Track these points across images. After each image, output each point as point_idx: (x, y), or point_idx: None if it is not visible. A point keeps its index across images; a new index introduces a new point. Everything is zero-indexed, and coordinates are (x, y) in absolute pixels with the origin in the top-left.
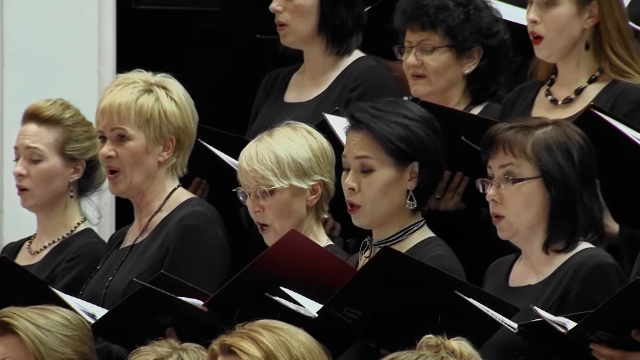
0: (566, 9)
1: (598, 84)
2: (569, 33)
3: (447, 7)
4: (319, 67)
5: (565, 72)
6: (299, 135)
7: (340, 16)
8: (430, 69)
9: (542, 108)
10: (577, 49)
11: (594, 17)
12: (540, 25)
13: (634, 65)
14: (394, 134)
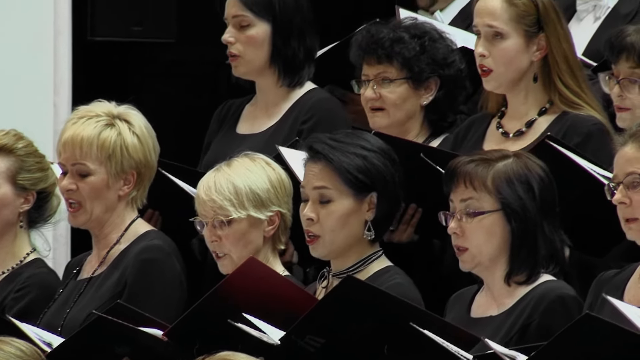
0: (514, 42)
1: (548, 116)
2: (518, 66)
3: (402, 39)
4: (271, 99)
5: (515, 105)
6: (258, 166)
7: (292, 48)
8: (388, 101)
9: (494, 141)
10: (525, 81)
11: (542, 50)
12: (488, 59)
13: (583, 96)
14: (352, 164)
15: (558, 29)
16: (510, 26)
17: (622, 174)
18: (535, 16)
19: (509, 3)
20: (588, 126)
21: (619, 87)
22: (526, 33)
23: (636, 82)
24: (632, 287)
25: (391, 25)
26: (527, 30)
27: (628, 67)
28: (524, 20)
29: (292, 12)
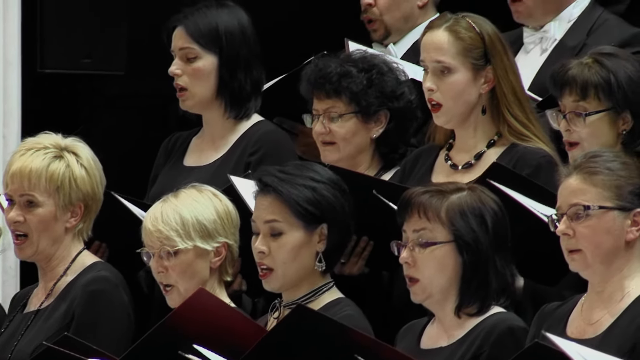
0: (461, 75)
1: (497, 148)
2: (466, 99)
3: (350, 73)
4: (217, 131)
5: (463, 137)
6: (205, 197)
7: (238, 80)
8: (338, 135)
9: (442, 173)
10: (474, 114)
11: (489, 82)
12: (437, 93)
13: (531, 127)
14: (301, 196)
15: (505, 61)
16: (457, 60)
17: (565, 206)
18: (481, 49)
19: (455, 37)
20: (537, 159)
21: (566, 121)
22: (473, 66)
23: (581, 115)
24: (575, 319)
25: (339, 59)
26: (474, 64)
27: (572, 101)
28: (471, 54)
29: (239, 44)
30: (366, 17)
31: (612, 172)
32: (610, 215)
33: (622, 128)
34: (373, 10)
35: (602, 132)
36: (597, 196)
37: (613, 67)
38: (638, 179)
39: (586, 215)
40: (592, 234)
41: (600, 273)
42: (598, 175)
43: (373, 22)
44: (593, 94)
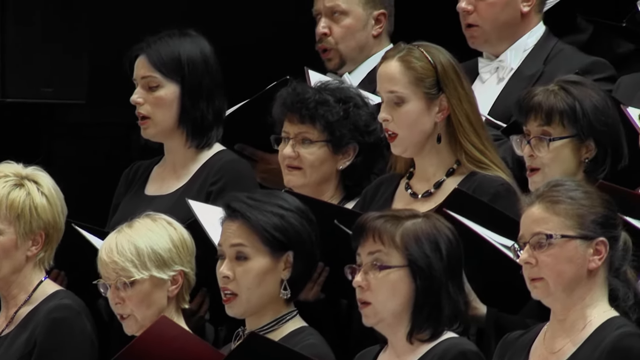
0: (415, 105)
1: (456, 177)
2: (421, 128)
3: (328, 102)
4: (179, 160)
5: (422, 166)
6: (159, 226)
7: (200, 110)
8: (306, 161)
9: (402, 201)
10: (431, 143)
11: (443, 111)
12: (392, 123)
13: (488, 154)
14: (269, 223)
15: (458, 89)
16: (409, 90)
17: (528, 234)
18: (434, 78)
19: (407, 67)
20: (495, 186)
21: (530, 147)
22: (426, 95)
23: (545, 140)
24: (537, 348)
25: (317, 87)
26: (427, 93)
27: (537, 126)
28: (423, 83)
29: (201, 73)
30: (321, 47)
31: (575, 201)
32: (572, 244)
33: (585, 156)
34: (328, 39)
35: (565, 159)
36: (559, 225)
37: (579, 95)
38: (600, 208)
39: (549, 244)
40: (554, 262)
41: (562, 301)
42: (560, 204)
43: (328, 51)
44: (558, 119)
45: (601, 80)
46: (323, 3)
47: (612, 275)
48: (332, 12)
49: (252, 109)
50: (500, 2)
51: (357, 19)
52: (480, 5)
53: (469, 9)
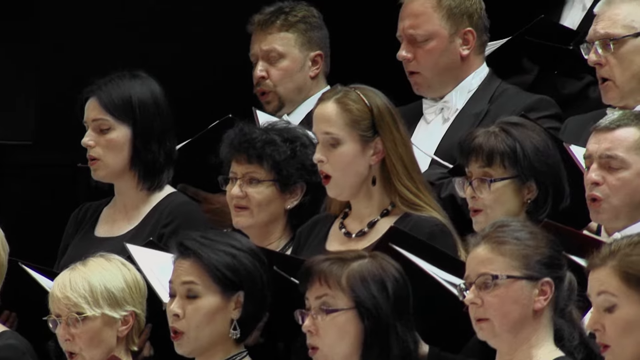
0: (350, 147)
1: (390, 218)
2: (356, 170)
3: (274, 142)
4: (130, 202)
5: (357, 207)
6: (113, 265)
7: (152, 152)
8: (253, 201)
9: (336, 241)
10: (365, 185)
11: (378, 153)
12: (327, 165)
13: (422, 197)
14: (221, 262)
15: (394, 132)
16: (345, 131)
17: (474, 275)
18: (369, 121)
19: (343, 109)
20: (430, 227)
21: (472, 188)
22: (361, 138)
23: (486, 182)
24: None
25: (264, 127)
26: (362, 135)
27: (478, 167)
28: (359, 125)
29: (152, 116)
30: (259, 90)
31: (520, 242)
32: (518, 284)
33: (527, 197)
34: (266, 82)
35: (507, 200)
36: (505, 266)
37: (519, 137)
38: (545, 248)
39: (494, 285)
40: (500, 303)
41: (508, 342)
42: (506, 245)
43: (266, 94)
44: (499, 161)
45: (546, 117)
46: (260, 46)
47: (557, 316)
48: (269, 55)
49: (195, 149)
50: (438, 48)
51: (294, 61)
52: (419, 53)
53: (409, 56)
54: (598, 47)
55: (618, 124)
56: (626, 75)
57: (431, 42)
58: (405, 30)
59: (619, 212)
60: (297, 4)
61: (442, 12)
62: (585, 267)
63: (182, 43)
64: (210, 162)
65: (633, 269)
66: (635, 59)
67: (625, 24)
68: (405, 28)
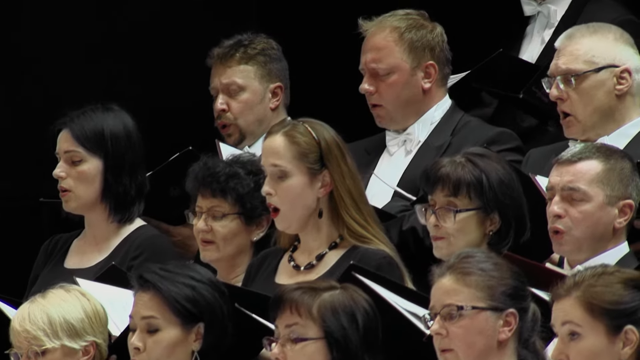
0: (298, 180)
1: (339, 250)
2: (304, 203)
3: (238, 175)
4: (101, 234)
5: (306, 240)
6: (72, 296)
7: (123, 184)
8: (219, 235)
9: (286, 273)
10: (313, 217)
11: (326, 186)
12: (275, 197)
13: (370, 229)
14: (180, 294)
15: (341, 165)
16: (293, 164)
17: (439, 305)
18: (317, 154)
19: (291, 142)
20: (378, 259)
21: (435, 216)
22: (309, 170)
23: (451, 211)
24: None
25: (228, 160)
26: (310, 168)
27: (443, 197)
28: (307, 158)
29: (124, 149)
30: (220, 123)
31: (485, 273)
32: (482, 315)
33: (490, 229)
34: (227, 115)
35: (470, 230)
36: (470, 297)
37: (485, 168)
38: (510, 279)
39: (459, 316)
40: (465, 334)
41: None
42: (471, 275)
43: (227, 126)
44: (465, 192)
45: (507, 150)
46: (219, 80)
47: (521, 346)
48: (229, 88)
49: (156, 182)
50: (400, 82)
51: (254, 93)
52: (381, 86)
53: (371, 90)
54: (560, 82)
55: (580, 157)
56: (588, 110)
57: (393, 75)
58: (367, 64)
59: (581, 244)
60: (256, 37)
61: (404, 45)
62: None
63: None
64: (171, 194)
65: (597, 299)
66: (596, 94)
67: (586, 59)
68: (368, 62)
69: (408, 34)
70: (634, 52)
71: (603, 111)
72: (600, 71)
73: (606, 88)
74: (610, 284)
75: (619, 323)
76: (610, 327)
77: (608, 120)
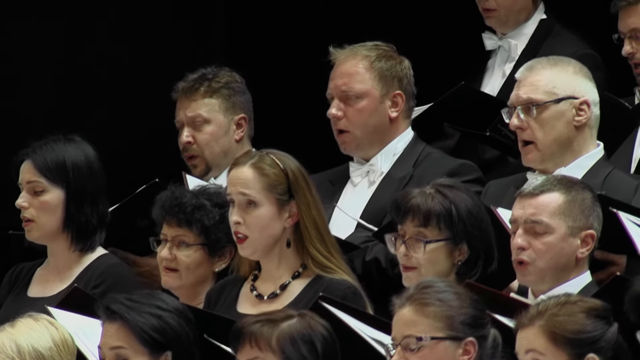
0: (267, 210)
1: (302, 280)
2: (271, 232)
3: (204, 206)
4: (63, 263)
5: (268, 269)
6: (41, 325)
7: (85, 214)
8: (182, 264)
9: (248, 302)
10: (279, 246)
11: (293, 216)
12: (243, 226)
13: (333, 260)
14: (147, 324)
15: (308, 196)
16: (262, 194)
17: (399, 336)
18: (285, 185)
19: (260, 173)
20: (342, 289)
21: (405, 246)
22: (277, 201)
23: (421, 242)
24: None
25: (196, 191)
26: (279, 199)
27: (413, 227)
28: (276, 190)
29: (86, 178)
30: (187, 155)
31: (443, 303)
32: (442, 345)
33: (458, 259)
34: (193, 147)
35: (439, 260)
36: (429, 327)
37: (454, 199)
38: (468, 308)
39: (419, 346)
40: None
41: None
42: (430, 306)
43: (194, 158)
44: (435, 222)
45: (468, 182)
46: (185, 113)
47: None
48: (194, 120)
49: (123, 213)
50: (369, 108)
51: (219, 126)
52: (350, 111)
53: (339, 114)
54: (520, 112)
55: (542, 189)
56: (548, 140)
57: (362, 101)
58: (337, 88)
59: (544, 274)
60: (220, 71)
61: (375, 73)
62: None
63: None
64: (138, 225)
65: (560, 328)
66: (556, 124)
67: (546, 90)
68: (338, 86)
69: (378, 62)
70: (592, 85)
71: (562, 141)
72: (560, 102)
73: (566, 119)
74: (573, 314)
75: (582, 351)
76: (572, 355)
77: (566, 150)
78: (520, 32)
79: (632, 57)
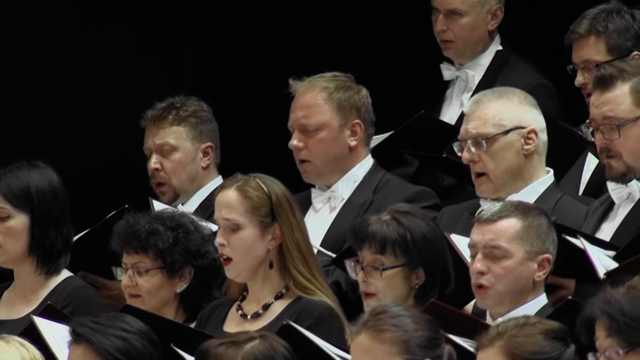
0: (250, 232)
1: (284, 300)
2: (254, 254)
3: (158, 231)
4: (29, 286)
5: (254, 290)
6: (12, 347)
7: (49, 238)
8: (143, 289)
9: (233, 322)
10: (263, 268)
11: (276, 238)
12: (227, 248)
13: (314, 282)
14: (112, 346)
15: (290, 218)
16: (245, 217)
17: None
18: (269, 207)
19: (244, 196)
20: (319, 310)
21: (364, 273)
22: (261, 223)
23: (378, 269)
24: None
25: (150, 217)
26: (262, 221)
27: (371, 254)
28: (259, 212)
29: (50, 204)
30: (155, 182)
31: (399, 328)
32: None
33: (415, 283)
34: (160, 174)
35: (397, 285)
36: (385, 353)
37: (409, 225)
38: (424, 330)
39: None
40: None
41: None
42: (385, 332)
43: (162, 185)
44: (390, 249)
45: (426, 208)
46: (153, 140)
47: None
48: (162, 148)
49: (93, 238)
50: (328, 138)
51: (187, 153)
52: (310, 142)
53: (300, 145)
54: (471, 146)
55: (500, 215)
56: (500, 170)
57: (322, 132)
58: (297, 121)
59: (503, 298)
60: (188, 99)
61: (333, 104)
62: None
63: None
64: (108, 250)
65: (519, 349)
66: (506, 154)
67: (494, 123)
68: (298, 118)
69: (337, 93)
70: (538, 112)
71: (513, 171)
72: (508, 133)
73: (515, 149)
74: (532, 335)
75: None
76: None
77: (518, 178)
78: (477, 62)
79: (585, 87)
